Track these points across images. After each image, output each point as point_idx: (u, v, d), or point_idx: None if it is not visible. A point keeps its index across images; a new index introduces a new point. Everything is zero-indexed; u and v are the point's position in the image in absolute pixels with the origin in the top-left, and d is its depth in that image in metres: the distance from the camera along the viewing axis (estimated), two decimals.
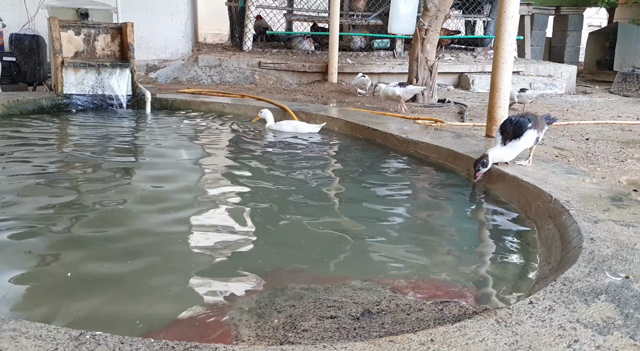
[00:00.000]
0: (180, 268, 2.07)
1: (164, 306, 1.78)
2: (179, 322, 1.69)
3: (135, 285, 1.93)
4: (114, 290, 1.88)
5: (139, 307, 1.78)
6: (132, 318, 1.71)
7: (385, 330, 1.62)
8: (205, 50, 8.47)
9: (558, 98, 7.12)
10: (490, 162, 3.04)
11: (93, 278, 1.96)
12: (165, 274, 2.01)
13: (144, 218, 2.54)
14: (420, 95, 6.02)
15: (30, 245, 2.20)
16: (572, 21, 11.70)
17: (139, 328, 1.64)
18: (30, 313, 1.70)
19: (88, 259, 2.11)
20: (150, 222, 2.49)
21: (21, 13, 6.77)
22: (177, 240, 2.31)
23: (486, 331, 1.43)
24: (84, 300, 1.81)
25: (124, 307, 1.78)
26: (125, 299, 1.83)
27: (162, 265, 2.08)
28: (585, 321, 1.50)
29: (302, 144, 4.23)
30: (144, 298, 1.83)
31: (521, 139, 3.02)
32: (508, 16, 3.79)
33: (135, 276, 1.98)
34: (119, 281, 1.94)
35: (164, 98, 5.43)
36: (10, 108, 4.77)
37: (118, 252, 2.18)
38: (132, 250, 2.20)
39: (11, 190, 2.81)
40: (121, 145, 3.98)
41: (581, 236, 2.10)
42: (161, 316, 1.72)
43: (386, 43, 8.64)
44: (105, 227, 2.42)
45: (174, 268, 2.06)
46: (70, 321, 1.66)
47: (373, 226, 2.62)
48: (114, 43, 5.40)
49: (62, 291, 1.87)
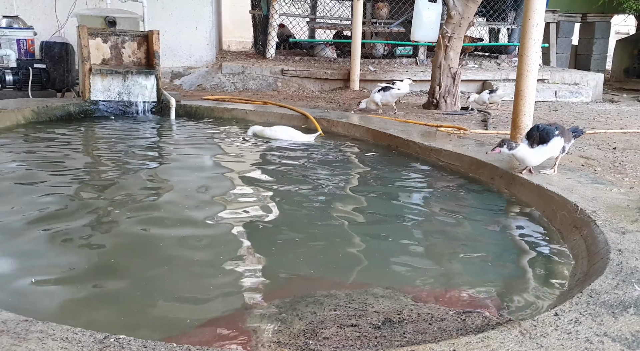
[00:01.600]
0: (203, 273, 2.09)
1: (187, 311, 1.80)
2: (201, 327, 1.71)
3: (158, 290, 1.95)
4: (138, 295, 1.90)
5: (161, 312, 1.80)
6: (155, 323, 1.73)
7: (406, 340, 1.61)
8: (229, 57, 8.57)
9: (584, 107, 7.01)
10: (516, 152, 2.97)
11: (118, 283, 1.99)
12: (188, 280, 2.03)
13: (167, 224, 2.56)
14: (444, 102, 5.99)
15: (57, 250, 2.24)
16: (599, 28, 11.51)
17: (161, 332, 1.66)
18: (57, 315, 1.73)
19: (113, 264, 2.14)
20: (173, 228, 2.51)
21: (52, 21, 6.94)
22: (200, 246, 2.33)
23: (510, 343, 1.41)
24: (109, 304, 1.84)
25: (147, 311, 1.80)
26: (148, 304, 1.85)
27: (184, 270, 2.10)
28: (613, 334, 1.47)
29: (323, 151, 4.24)
30: (166, 303, 1.85)
31: (548, 145, 2.97)
32: (533, 24, 3.75)
33: (158, 282, 2.00)
34: (142, 286, 1.96)
35: (188, 105, 5.49)
36: (40, 114, 4.88)
37: (142, 257, 2.21)
38: (156, 256, 2.22)
39: (38, 193, 2.87)
40: (146, 151, 4.04)
41: (608, 247, 2.06)
42: (183, 321, 1.74)
43: (409, 50, 8.62)
44: (129, 232, 2.45)
45: (196, 274, 2.07)
46: (95, 324, 1.68)
47: (395, 233, 2.60)
48: (140, 50, 5.50)
49: (88, 294, 1.90)
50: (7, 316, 1.42)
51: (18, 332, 1.35)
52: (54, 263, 2.12)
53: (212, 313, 1.78)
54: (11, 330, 1.36)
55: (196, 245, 2.34)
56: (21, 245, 2.25)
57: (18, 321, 1.40)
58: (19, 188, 2.95)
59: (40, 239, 2.32)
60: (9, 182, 3.05)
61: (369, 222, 2.74)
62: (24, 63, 5.81)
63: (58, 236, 2.35)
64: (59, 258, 2.16)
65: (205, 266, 2.15)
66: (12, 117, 4.63)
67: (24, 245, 2.25)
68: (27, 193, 2.89)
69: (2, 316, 1.42)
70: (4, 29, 6.12)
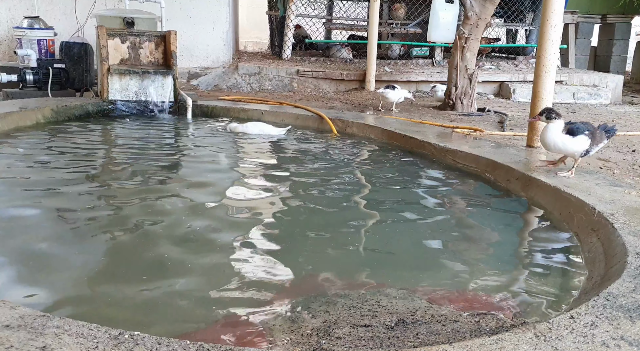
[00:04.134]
0: (217, 272, 2.10)
1: (201, 309, 1.81)
2: (215, 325, 1.72)
3: (173, 288, 1.96)
4: (153, 293, 1.92)
5: (176, 310, 1.81)
6: (169, 320, 1.75)
7: (419, 341, 1.60)
8: (245, 58, 8.60)
9: (603, 109, 6.91)
10: (555, 123, 2.97)
11: (134, 280, 2.01)
12: (202, 278, 2.04)
13: (183, 222, 2.58)
14: (460, 103, 5.95)
15: (75, 246, 2.27)
16: (619, 30, 11.34)
17: (175, 330, 1.67)
18: (73, 311, 1.76)
19: (129, 261, 2.17)
20: (189, 227, 2.54)
21: (71, 22, 7.03)
22: (215, 246, 2.35)
23: (524, 345, 1.39)
24: (125, 300, 1.86)
25: (162, 309, 1.81)
26: (163, 301, 1.86)
27: (199, 269, 2.12)
28: (630, 338, 1.45)
29: (337, 153, 4.24)
30: (181, 301, 1.87)
31: (574, 139, 2.95)
32: (551, 24, 3.72)
33: (173, 280, 2.02)
34: (157, 284, 1.98)
35: (205, 105, 5.53)
36: (59, 113, 4.95)
37: (157, 255, 2.23)
38: (171, 254, 2.24)
39: (56, 192, 2.91)
40: (163, 150, 4.07)
41: (626, 250, 2.03)
42: (198, 319, 1.75)
43: (425, 51, 8.57)
44: (145, 230, 2.48)
45: (210, 273, 2.09)
46: (110, 320, 1.70)
47: (409, 235, 2.59)
48: (158, 51, 5.55)
49: (104, 291, 1.92)
50: (25, 312, 1.45)
51: (35, 327, 1.37)
52: (67, 259, 2.14)
53: (225, 311, 1.79)
54: (28, 324, 1.38)
55: (210, 244, 2.36)
56: (36, 240, 2.28)
57: (35, 316, 1.42)
58: (32, 184, 3.00)
59: (57, 234, 2.36)
60: (23, 178, 3.10)
61: (383, 223, 2.74)
62: (44, 63, 5.90)
63: (73, 231, 2.38)
64: (72, 256, 2.19)
65: (219, 264, 2.16)
66: (32, 116, 4.71)
67: (39, 240, 2.28)
68: (43, 186, 2.94)
69: (20, 311, 1.45)
70: (25, 30, 6.22)
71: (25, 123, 4.57)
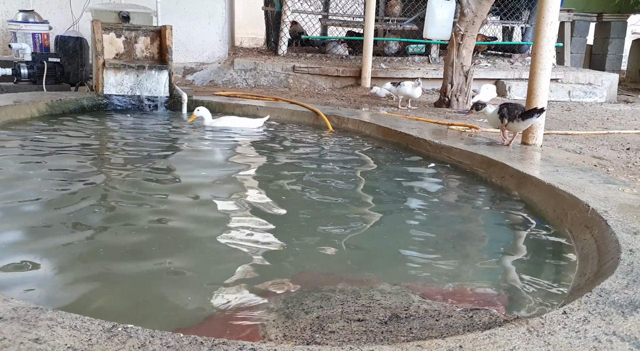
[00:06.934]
0: (211, 267, 2.10)
1: (195, 304, 1.81)
2: (209, 320, 1.72)
3: (167, 282, 1.96)
4: (147, 286, 1.92)
5: (170, 304, 1.81)
6: (163, 314, 1.74)
7: (413, 335, 1.60)
8: (241, 54, 8.58)
9: (598, 107, 6.94)
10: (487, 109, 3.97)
11: (127, 273, 2.00)
12: (197, 273, 2.04)
13: (178, 217, 2.58)
14: (456, 101, 5.96)
15: (69, 238, 2.27)
16: (614, 28, 11.38)
17: (169, 323, 1.67)
18: (66, 304, 1.75)
19: (123, 254, 2.16)
20: (183, 221, 2.53)
21: (67, 16, 7.00)
22: (209, 240, 2.35)
23: (517, 340, 1.40)
24: (118, 294, 1.86)
25: (156, 303, 1.81)
26: (157, 295, 1.86)
27: (193, 263, 2.11)
28: (623, 334, 1.45)
29: (333, 148, 4.24)
30: (175, 295, 1.86)
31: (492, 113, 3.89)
32: (547, 22, 3.72)
33: (167, 274, 2.02)
34: (151, 278, 1.98)
35: (200, 100, 5.51)
36: (54, 108, 4.93)
37: (152, 248, 2.22)
38: (166, 248, 2.24)
39: (50, 185, 2.90)
40: (157, 145, 4.06)
41: (619, 247, 2.04)
42: (192, 313, 1.75)
43: (421, 48, 8.58)
44: (140, 224, 2.47)
45: (204, 268, 2.09)
46: (103, 313, 1.70)
47: (403, 231, 2.60)
48: (153, 45, 5.53)
49: (98, 283, 1.91)
50: (18, 304, 1.44)
51: (28, 319, 1.37)
52: (62, 252, 2.14)
53: (219, 307, 1.79)
54: (21, 317, 1.37)
55: (204, 239, 2.35)
56: (31, 232, 2.27)
57: (28, 308, 1.42)
58: (27, 177, 2.99)
59: (52, 226, 2.35)
60: (18, 171, 3.08)
61: (378, 219, 2.74)
62: (38, 57, 5.87)
63: (68, 224, 2.38)
64: (67, 249, 2.18)
65: (213, 259, 2.16)
66: (27, 109, 4.69)
67: (34, 233, 2.27)
68: (38, 180, 2.93)
69: (13, 303, 1.44)
70: (20, 23, 6.19)
71: (20, 116, 4.55)
